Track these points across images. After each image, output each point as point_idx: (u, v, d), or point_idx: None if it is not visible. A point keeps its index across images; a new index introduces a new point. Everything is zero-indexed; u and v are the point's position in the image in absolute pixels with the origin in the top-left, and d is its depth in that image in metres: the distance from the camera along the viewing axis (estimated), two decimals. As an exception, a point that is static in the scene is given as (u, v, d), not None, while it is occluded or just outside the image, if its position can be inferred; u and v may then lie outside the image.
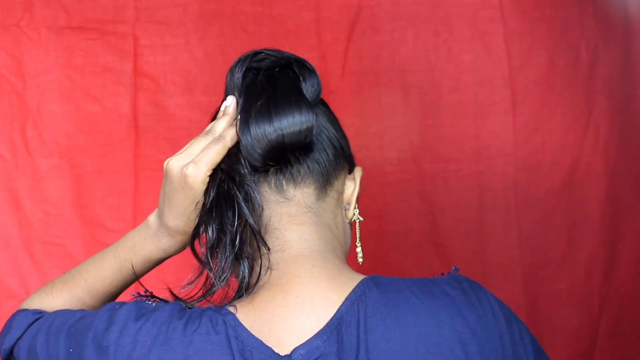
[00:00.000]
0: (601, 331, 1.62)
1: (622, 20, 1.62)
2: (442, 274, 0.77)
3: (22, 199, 1.48)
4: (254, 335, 0.68)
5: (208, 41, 1.54)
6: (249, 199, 0.72)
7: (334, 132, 0.79)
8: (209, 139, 0.75)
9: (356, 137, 0.78)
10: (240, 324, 0.68)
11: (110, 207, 1.51)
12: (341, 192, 0.80)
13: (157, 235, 0.80)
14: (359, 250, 0.81)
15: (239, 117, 0.74)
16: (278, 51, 0.77)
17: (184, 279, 0.73)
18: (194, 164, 0.73)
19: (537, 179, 1.61)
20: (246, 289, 0.71)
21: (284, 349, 0.68)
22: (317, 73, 0.76)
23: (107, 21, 1.51)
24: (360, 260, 0.81)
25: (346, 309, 0.68)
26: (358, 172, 0.82)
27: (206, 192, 0.73)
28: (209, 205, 0.72)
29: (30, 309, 0.84)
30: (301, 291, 0.70)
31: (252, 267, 0.72)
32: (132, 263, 0.82)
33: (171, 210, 0.76)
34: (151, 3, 1.52)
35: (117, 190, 1.51)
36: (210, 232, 0.72)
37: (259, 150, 0.72)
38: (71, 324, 0.74)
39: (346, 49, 1.58)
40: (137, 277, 0.84)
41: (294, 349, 0.68)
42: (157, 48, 1.53)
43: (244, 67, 0.76)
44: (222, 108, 0.77)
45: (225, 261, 0.70)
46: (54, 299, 0.86)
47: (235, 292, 0.72)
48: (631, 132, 1.63)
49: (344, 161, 0.80)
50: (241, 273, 0.71)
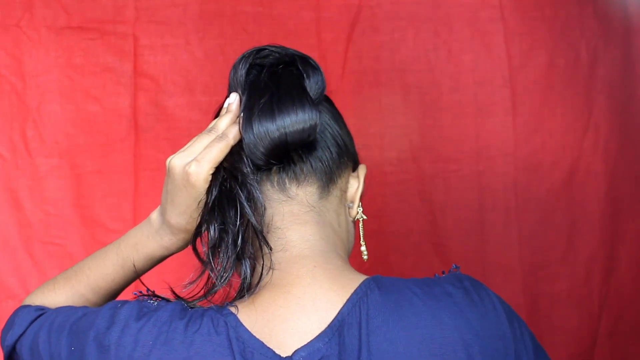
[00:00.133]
0: (601, 331, 1.62)
1: (622, 20, 1.62)
2: (442, 272, 0.76)
3: (22, 199, 1.47)
4: (255, 337, 0.68)
5: (208, 41, 1.54)
6: (251, 198, 0.71)
7: (337, 130, 0.78)
8: (211, 136, 0.74)
9: (356, 137, 0.79)
10: (242, 324, 0.68)
11: (110, 207, 1.50)
12: (345, 191, 0.79)
13: (159, 233, 0.79)
14: (363, 248, 0.81)
15: (241, 115, 0.73)
16: (282, 47, 0.76)
17: (184, 278, 0.72)
18: (197, 162, 0.72)
19: (537, 179, 1.61)
20: (248, 289, 0.71)
21: (285, 351, 0.68)
22: (321, 70, 0.75)
23: (107, 21, 1.51)
24: (365, 258, 0.80)
25: (348, 311, 0.68)
26: (362, 170, 0.81)
27: (208, 191, 0.72)
28: (211, 204, 0.72)
29: (32, 305, 0.84)
30: (303, 292, 0.70)
31: (253, 267, 0.72)
32: (133, 261, 0.82)
33: (173, 209, 0.75)
34: (151, 3, 1.52)
35: (117, 190, 1.51)
36: (212, 231, 0.71)
37: (261, 149, 0.71)
38: (73, 321, 0.74)
39: (346, 49, 1.57)
40: (138, 274, 0.84)
41: (295, 350, 0.67)
42: (157, 48, 1.53)
43: (248, 64, 0.75)
44: (226, 105, 0.76)
45: (227, 261, 0.70)
46: (57, 295, 0.85)
47: (236, 291, 0.71)
48: (631, 132, 1.63)
49: (348, 159, 0.79)
50: (243, 273, 0.71)
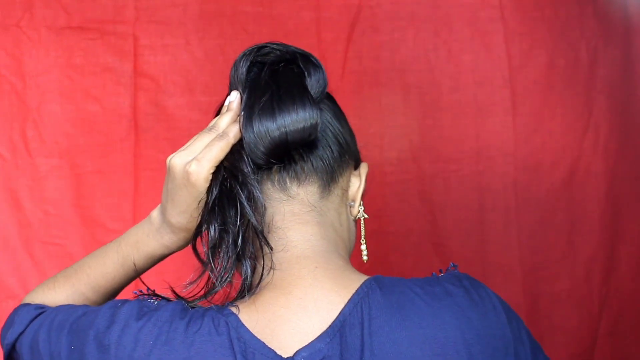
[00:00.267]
0: (601, 331, 1.62)
1: (622, 20, 1.62)
2: (439, 270, 0.76)
3: (22, 199, 1.47)
4: (256, 337, 0.67)
5: (208, 41, 1.54)
6: (251, 198, 0.71)
7: (339, 128, 0.78)
8: (212, 135, 0.74)
9: (356, 137, 0.79)
10: (243, 325, 0.68)
11: (110, 207, 1.50)
12: (346, 189, 0.79)
13: (159, 231, 0.79)
14: (363, 247, 0.80)
15: (242, 114, 0.73)
16: (283, 45, 0.75)
17: (184, 278, 0.72)
18: (197, 161, 0.72)
19: (537, 179, 1.61)
20: (248, 289, 0.70)
21: (286, 351, 0.67)
22: (322, 68, 0.75)
23: (107, 21, 1.51)
24: (365, 258, 0.80)
25: (349, 311, 0.68)
26: (364, 169, 0.81)
27: (209, 190, 0.72)
28: (211, 204, 0.71)
29: (32, 303, 0.84)
30: (304, 293, 0.70)
31: (254, 267, 0.71)
32: (134, 259, 0.81)
33: (174, 208, 0.75)
34: (151, 3, 1.52)
35: (117, 190, 1.51)
36: (212, 231, 0.71)
37: (261, 148, 0.71)
38: (73, 320, 0.73)
39: (346, 49, 1.57)
40: (138, 273, 0.83)
41: (297, 351, 0.67)
42: (157, 48, 1.53)
43: (249, 62, 0.74)
44: (226, 103, 0.76)
45: (228, 261, 0.70)
46: (57, 293, 0.85)
47: (237, 291, 0.71)
48: (631, 132, 1.63)
49: (349, 157, 0.79)
50: (244, 273, 0.71)
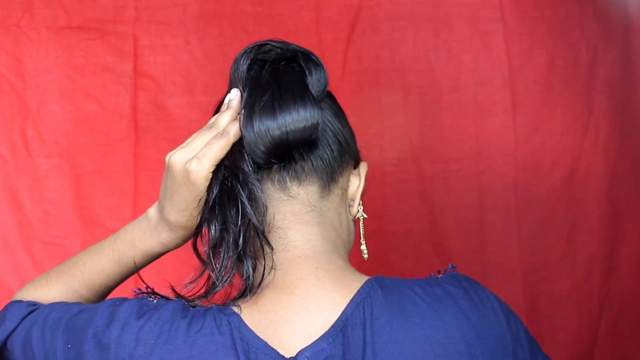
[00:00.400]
0: (601, 331, 1.62)
1: (622, 20, 1.62)
2: (438, 271, 0.76)
3: (22, 199, 1.47)
4: (259, 337, 0.67)
5: (208, 41, 1.54)
6: (252, 197, 0.70)
7: (339, 127, 0.77)
8: (212, 133, 0.73)
9: (356, 137, 0.79)
10: (245, 325, 0.68)
11: (110, 207, 1.50)
12: (345, 189, 0.78)
13: (157, 229, 0.78)
14: (363, 247, 0.80)
15: (242, 112, 0.72)
16: (284, 43, 0.75)
17: (184, 277, 0.72)
18: (197, 159, 0.71)
19: (537, 179, 1.61)
20: (250, 289, 0.70)
21: (289, 351, 0.67)
22: (323, 66, 0.74)
23: (107, 21, 1.51)
24: (365, 257, 0.80)
25: (351, 311, 0.68)
26: (363, 168, 0.80)
27: (209, 189, 0.71)
28: (211, 203, 0.71)
29: (24, 300, 0.82)
30: (306, 293, 0.70)
31: (255, 266, 0.71)
32: (133, 257, 0.81)
33: (172, 206, 0.74)
34: (151, 3, 1.52)
35: (117, 190, 1.51)
36: (212, 231, 0.70)
37: (262, 148, 0.70)
38: (68, 318, 0.72)
39: (346, 49, 1.57)
40: (136, 270, 0.82)
41: (299, 351, 0.67)
42: (157, 48, 1.52)
43: (249, 59, 0.74)
44: (226, 101, 0.75)
45: (228, 261, 0.69)
46: (50, 290, 0.84)
47: (238, 291, 0.71)
48: (631, 132, 1.63)
49: (349, 157, 0.78)
50: (245, 273, 0.70)
